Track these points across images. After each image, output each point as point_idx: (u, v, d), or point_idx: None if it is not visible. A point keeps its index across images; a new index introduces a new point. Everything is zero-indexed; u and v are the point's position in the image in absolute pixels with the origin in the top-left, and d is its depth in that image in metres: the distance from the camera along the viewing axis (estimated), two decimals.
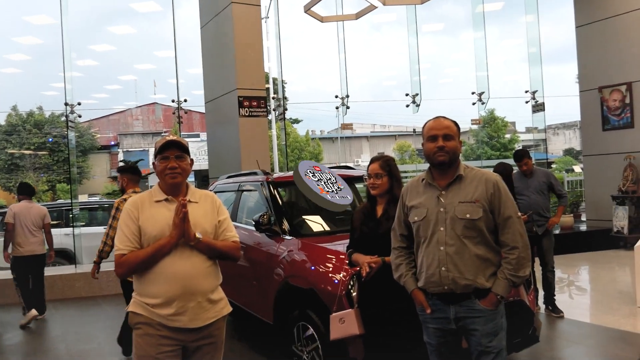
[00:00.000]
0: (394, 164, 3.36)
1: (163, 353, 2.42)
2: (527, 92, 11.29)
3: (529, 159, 5.75)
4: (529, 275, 2.63)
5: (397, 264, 2.80)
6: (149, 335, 2.43)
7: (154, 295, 2.42)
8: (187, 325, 2.44)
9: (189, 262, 2.46)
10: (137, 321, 2.47)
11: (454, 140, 2.60)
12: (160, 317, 2.42)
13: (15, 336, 5.95)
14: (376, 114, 72.05)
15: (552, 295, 5.65)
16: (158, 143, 2.55)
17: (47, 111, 35.39)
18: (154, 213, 2.48)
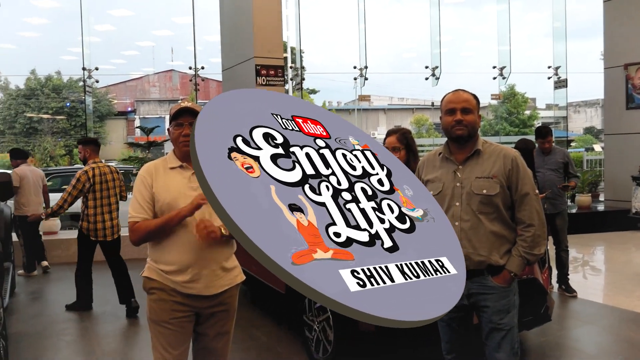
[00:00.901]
0: (411, 136, 3.31)
1: (176, 318, 2.44)
2: (550, 67, 11.05)
3: (552, 136, 5.70)
4: (543, 253, 2.60)
5: None
6: (162, 301, 2.45)
7: (169, 262, 2.42)
8: (201, 293, 2.44)
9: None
10: (151, 286, 2.48)
11: (473, 114, 2.55)
12: (174, 284, 2.43)
13: (30, 298, 6.09)
14: (394, 87, 71.24)
15: (566, 275, 5.62)
16: (173, 109, 2.51)
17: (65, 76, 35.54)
18: (168, 180, 2.46)
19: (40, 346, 4.51)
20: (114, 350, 4.36)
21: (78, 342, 4.63)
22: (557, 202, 5.54)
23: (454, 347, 2.72)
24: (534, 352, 4.11)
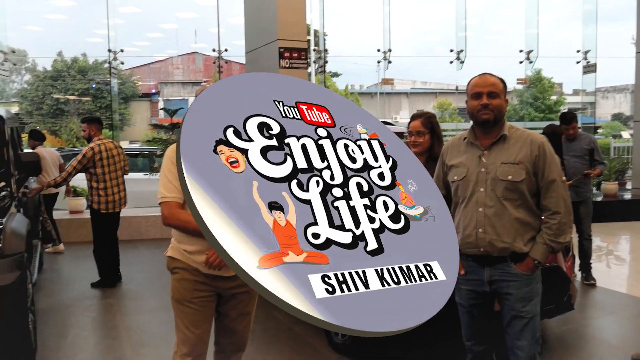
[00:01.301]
0: (436, 121, 3.28)
1: (198, 298, 2.47)
2: (579, 51, 10.78)
3: (577, 123, 5.59)
4: (569, 242, 2.56)
5: None
6: (185, 280, 2.47)
7: (192, 242, 2.43)
8: (222, 274, 2.46)
9: None
10: (174, 266, 2.51)
11: (499, 99, 2.51)
12: (196, 264, 2.45)
13: (57, 274, 6.23)
14: (417, 70, 70.35)
15: (588, 264, 5.55)
16: (199, 91, 2.53)
17: (90, 58, 35.91)
18: None
19: (66, 322, 4.63)
20: (138, 327, 4.45)
21: (102, 319, 4.74)
22: (581, 189, 5.44)
23: (475, 333, 2.71)
24: (555, 341, 4.08)
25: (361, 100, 35.82)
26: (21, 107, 33.61)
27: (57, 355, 3.92)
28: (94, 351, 4.03)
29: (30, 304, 3.77)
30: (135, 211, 8.77)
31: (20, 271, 3.48)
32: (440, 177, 2.75)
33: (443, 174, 2.73)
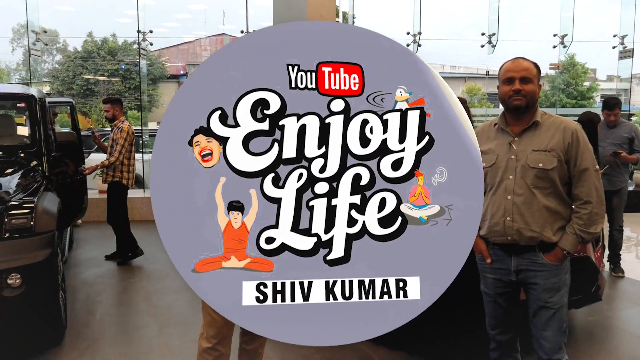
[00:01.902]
0: (467, 105, 3.22)
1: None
2: (615, 36, 10.42)
3: (620, 109, 5.40)
4: (599, 232, 2.50)
5: None
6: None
7: None
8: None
9: None
10: None
11: (532, 84, 2.44)
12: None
13: (86, 252, 6.37)
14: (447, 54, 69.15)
15: (618, 255, 5.44)
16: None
17: (120, 38, 36.29)
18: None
19: (95, 299, 4.75)
20: (163, 306, 4.53)
21: (129, 297, 4.85)
22: (615, 179, 5.29)
23: (499, 323, 2.68)
24: (581, 332, 4.02)
25: None
26: (52, 87, 34.22)
27: (86, 331, 4.02)
28: (121, 329, 4.13)
29: (60, 281, 3.87)
30: None
31: (52, 249, 3.57)
32: None
33: None
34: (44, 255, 3.49)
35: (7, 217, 3.42)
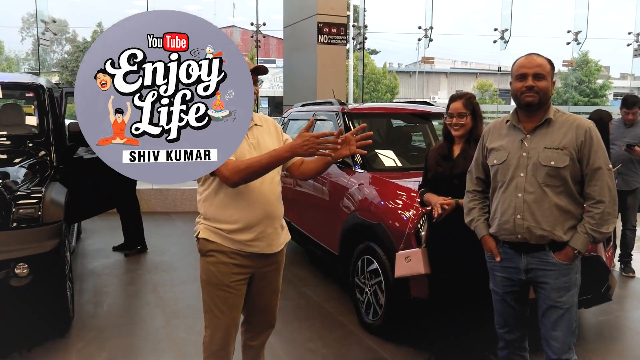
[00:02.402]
0: (477, 101, 3.18)
1: (236, 282, 2.44)
2: (630, 33, 10.27)
3: (639, 109, 5.28)
4: (611, 232, 2.46)
5: (470, 207, 2.72)
6: (223, 264, 2.42)
7: (234, 220, 2.38)
8: (264, 251, 2.44)
9: (270, 185, 2.44)
10: (210, 249, 2.44)
11: (546, 81, 2.40)
12: (236, 244, 2.40)
13: (93, 243, 6.39)
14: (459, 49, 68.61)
15: (629, 255, 5.37)
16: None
17: None
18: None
19: (102, 290, 4.75)
20: (170, 298, 4.53)
21: (136, 289, 4.85)
22: (631, 178, 5.20)
23: (508, 321, 2.66)
24: (591, 331, 3.98)
25: (399, 78, 35.32)
26: (61, 77, 34.36)
27: (93, 322, 4.03)
28: (128, 320, 4.12)
29: (68, 271, 3.87)
30: (171, 184, 8.90)
31: (59, 239, 3.57)
32: (479, 161, 2.69)
33: (482, 157, 2.66)
34: (51, 246, 3.49)
35: (15, 207, 3.42)
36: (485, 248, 2.63)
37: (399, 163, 4.66)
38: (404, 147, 5.03)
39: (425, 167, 3.29)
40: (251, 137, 2.44)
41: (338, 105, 5.02)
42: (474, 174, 2.72)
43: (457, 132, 3.08)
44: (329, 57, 8.02)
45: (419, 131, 5.44)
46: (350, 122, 4.71)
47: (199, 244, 2.48)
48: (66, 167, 4.68)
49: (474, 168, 2.72)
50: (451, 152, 3.15)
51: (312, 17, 8.07)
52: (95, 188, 5.23)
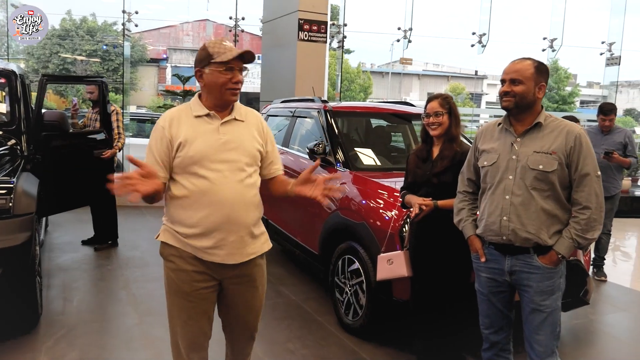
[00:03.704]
0: (453, 102, 3.19)
1: (198, 290, 2.20)
2: (604, 43, 10.51)
3: (615, 115, 5.40)
4: (596, 238, 2.48)
5: (459, 208, 2.72)
6: (182, 271, 2.19)
7: (191, 224, 2.12)
8: (225, 261, 2.17)
9: (236, 186, 2.14)
10: (169, 253, 2.21)
11: (523, 85, 2.42)
12: (194, 250, 2.16)
13: (61, 236, 6.19)
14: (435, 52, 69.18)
15: (602, 259, 5.48)
16: (223, 49, 2.13)
17: (100, 18, 35.54)
18: (193, 130, 2.15)
19: (71, 285, 4.59)
20: (144, 295, 4.40)
21: (108, 285, 4.69)
22: (609, 184, 5.28)
23: (492, 322, 2.66)
24: (566, 335, 4.02)
25: (372, 79, 35.46)
26: (27, 64, 33.37)
27: (62, 319, 3.87)
28: (100, 317, 3.97)
29: (37, 265, 3.71)
30: None
31: (30, 232, 3.41)
32: (471, 162, 2.69)
33: (474, 158, 2.66)
34: (22, 239, 3.33)
35: None
36: (472, 248, 2.64)
37: (380, 163, 4.63)
38: (385, 147, 5.01)
39: (406, 170, 3.29)
40: (222, 132, 2.17)
41: (320, 103, 4.96)
42: (466, 175, 2.73)
43: (435, 131, 3.08)
44: (308, 54, 7.96)
45: (400, 132, 5.43)
46: (332, 120, 4.66)
47: (160, 248, 2.26)
48: (42, 158, 4.50)
49: (466, 169, 2.73)
50: (430, 154, 3.15)
51: (293, 14, 7.99)
52: (72, 180, 5.06)
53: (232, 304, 2.32)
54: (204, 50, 2.16)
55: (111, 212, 5.73)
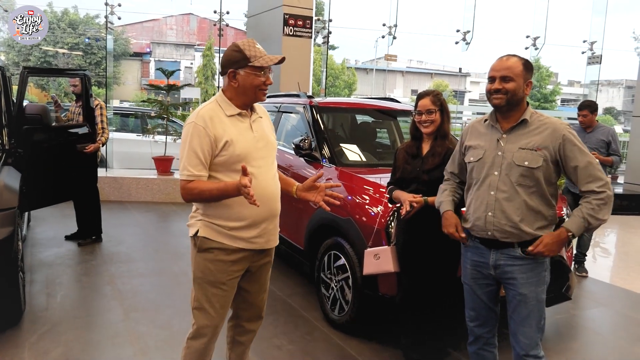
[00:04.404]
0: (443, 98, 3.20)
1: (232, 280, 2.41)
2: (585, 42, 10.64)
3: (591, 113, 5.44)
4: (606, 220, 2.47)
5: (442, 189, 2.79)
6: (221, 262, 2.36)
7: (238, 218, 2.31)
8: (263, 247, 2.43)
9: (273, 181, 2.43)
10: (209, 246, 2.35)
11: (514, 82, 2.43)
12: (239, 241, 2.35)
13: (44, 231, 6.11)
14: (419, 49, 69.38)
15: (584, 255, 5.57)
16: (260, 52, 2.30)
17: (81, 10, 35.06)
18: (231, 129, 2.28)
19: (54, 281, 4.53)
20: (129, 290, 4.37)
21: (92, 280, 4.65)
22: None
23: (477, 315, 2.68)
24: (548, 330, 4.08)
25: (357, 75, 35.50)
26: (8, 57, 32.84)
27: (46, 315, 3.83)
28: (84, 313, 3.94)
29: (20, 260, 3.67)
30: (126, 172, 8.63)
31: (12, 227, 3.37)
32: (455, 157, 2.74)
33: (460, 154, 2.69)
34: (4, 234, 3.29)
35: None
36: (446, 224, 2.63)
37: (366, 158, 4.65)
38: (370, 143, 5.02)
39: (394, 167, 3.28)
40: (255, 129, 2.37)
41: (306, 98, 4.96)
42: (449, 169, 2.79)
43: (427, 129, 3.08)
44: (293, 50, 7.95)
45: (385, 128, 5.45)
46: (318, 115, 4.66)
47: (198, 241, 2.36)
48: (23, 152, 4.44)
49: (450, 163, 2.79)
50: (420, 150, 3.16)
51: (278, 8, 7.97)
52: (54, 175, 4.99)
53: (252, 284, 2.55)
54: (238, 52, 2.30)
55: (95, 207, 5.68)
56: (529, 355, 2.50)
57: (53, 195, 5.20)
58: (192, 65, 40.73)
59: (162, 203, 8.10)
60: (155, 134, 9.12)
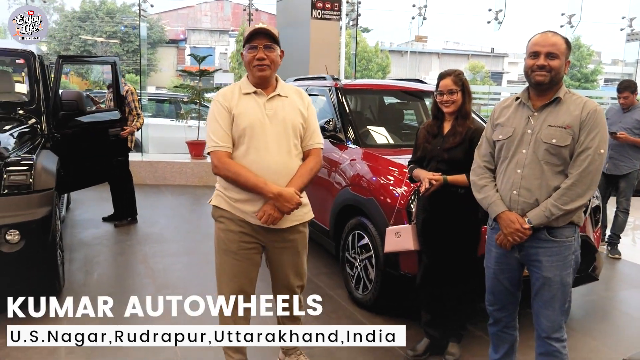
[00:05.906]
0: (465, 78, 3.17)
1: (244, 250, 2.49)
2: (624, 18, 10.25)
3: (632, 93, 5.25)
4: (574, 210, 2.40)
5: (482, 185, 2.58)
6: (231, 231, 2.48)
7: (239, 190, 2.42)
8: (269, 226, 2.45)
9: (283, 158, 2.44)
10: (219, 215, 2.51)
11: (559, 60, 2.36)
12: (242, 214, 2.44)
13: (83, 213, 6.36)
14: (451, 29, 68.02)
15: (618, 237, 5.45)
16: (247, 31, 2.46)
17: (118, 0, 35.69)
18: (244, 105, 2.43)
19: (92, 260, 4.74)
20: (161, 269, 4.54)
21: (126, 259, 4.84)
22: (622, 163, 5.24)
23: (497, 299, 2.64)
24: (577, 311, 4.05)
25: (391, 57, 35.14)
26: (49, 46, 33.74)
27: (83, 290, 4.02)
28: (118, 290, 4.12)
29: (58, 239, 3.85)
30: (161, 157, 8.85)
31: (51, 207, 3.54)
32: (490, 137, 2.60)
33: (492, 132, 2.62)
34: (42, 213, 3.46)
35: (6, 174, 3.38)
36: (504, 223, 2.45)
37: (391, 140, 4.66)
38: (396, 124, 5.02)
39: (415, 145, 3.29)
40: (268, 107, 2.44)
41: (331, 81, 4.99)
42: (483, 150, 2.62)
43: (448, 108, 3.07)
44: (322, 33, 7.96)
45: (412, 109, 5.44)
46: (343, 97, 4.69)
47: (212, 210, 2.55)
48: (61, 136, 4.63)
49: (484, 143, 2.63)
50: (441, 129, 3.14)
51: None
52: (89, 158, 5.19)
53: (278, 266, 2.62)
54: (242, 35, 2.49)
55: (129, 190, 5.87)
56: (551, 338, 2.46)
57: (88, 178, 5.41)
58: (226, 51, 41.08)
59: (195, 186, 8.30)
60: (188, 119, 9.30)
